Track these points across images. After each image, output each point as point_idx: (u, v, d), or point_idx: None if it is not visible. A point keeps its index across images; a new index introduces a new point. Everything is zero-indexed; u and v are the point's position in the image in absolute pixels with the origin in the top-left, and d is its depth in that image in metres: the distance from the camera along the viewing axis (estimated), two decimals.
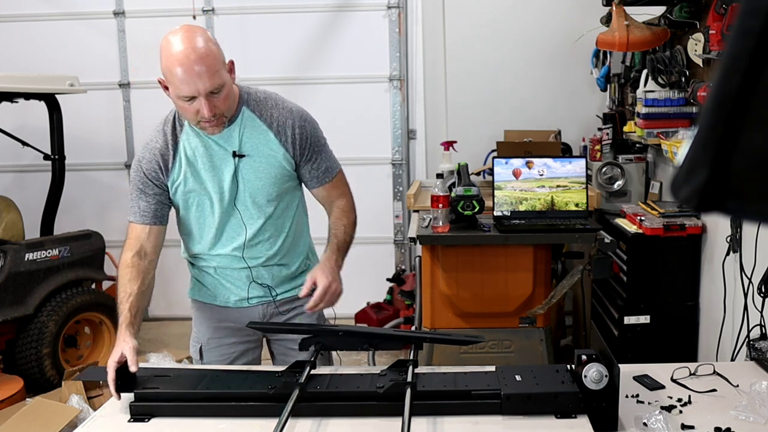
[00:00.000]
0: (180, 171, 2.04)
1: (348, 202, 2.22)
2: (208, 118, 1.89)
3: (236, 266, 2.14)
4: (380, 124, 5.10)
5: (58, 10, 5.14)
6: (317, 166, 2.12)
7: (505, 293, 3.05)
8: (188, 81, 1.84)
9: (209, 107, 1.87)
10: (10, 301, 3.86)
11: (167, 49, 1.86)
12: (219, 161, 2.03)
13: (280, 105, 2.08)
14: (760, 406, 1.78)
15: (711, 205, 0.62)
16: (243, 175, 2.03)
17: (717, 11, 2.73)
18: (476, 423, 1.72)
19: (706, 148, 0.61)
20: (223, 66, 1.91)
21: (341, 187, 2.21)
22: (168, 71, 1.87)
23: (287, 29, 5.04)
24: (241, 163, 2.02)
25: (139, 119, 5.26)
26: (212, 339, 2.23)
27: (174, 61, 1.84)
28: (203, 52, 1.85)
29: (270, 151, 2.04)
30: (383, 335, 2.16)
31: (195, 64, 1.83)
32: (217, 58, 1.89)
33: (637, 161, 3.74)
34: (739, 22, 0.59)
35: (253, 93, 2.08)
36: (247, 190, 2.05)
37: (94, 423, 1.83)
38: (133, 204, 2.08)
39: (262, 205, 2.08)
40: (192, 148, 2.03)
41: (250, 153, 2.03)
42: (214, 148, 2.02)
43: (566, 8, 4.81)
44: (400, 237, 5.20)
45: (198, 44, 1.85)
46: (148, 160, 2.04)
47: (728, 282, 2.84)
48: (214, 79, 1.86)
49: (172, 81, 1.87)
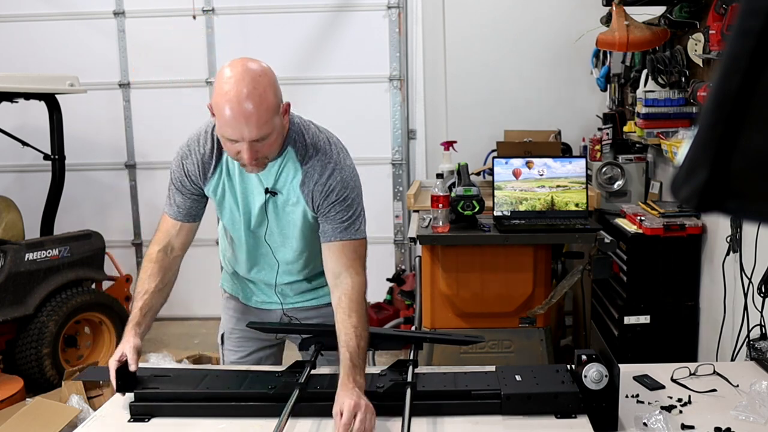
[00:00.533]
0: (218, 184, 1.98)
1: (356, 285, 1.89)
2: (249, 162, 1.78)
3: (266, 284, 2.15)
4: (380, 124, 5.10)
5: (58, 10, 5.14)
6: (332, 221, 1.92)
7: (505, 293, 3.05)
8: (234, 126, 1.72)
9: (251, 153, 1.75)
10: (10, 301, 3.86)
11: (221, 82, 1.74)
12: (252, 191, 1.96)
13: (326, 156, 1.92)
14: (760, 406, 1.78)
15: (711, 205, 0.62)
16: (272, 211, 1.98)
17: (717, 11, 2.73)
18: (476, 423, 1.72)
19: (706, 148, 0.61)
20: (276, 113, 1.77)
21: (353, 257, 1.93)
22: (217, 107, 1.74)
23: (287, 29, 5.04)
24: (271, 200, 1.96)
25: (139, 119, 5.26)
26: (234, 329, 2.26)
27: (225, 100, 1.71)
28: (258, 100, 1.71)
29: (296, 196, 1.94)
30: (383, 335, 2.16)
31: (245, 111, 1.70)
32: (270, 108, 1.74)
33: (637, 161, 3.74)
34: (739, 22, 0.59)
35: (306, 134, 1.94)
36: (277, 227, 2.00)
37: (94, 423, 1.83)
38: (170, 196, 2.02)
39: (292, 242, 2.02)
40: (232, 168, 1.95)
41: (283, 192, 1.94)
42: (251, 177, 1.94)
43: (566, 8, 4.81)
44: (400, 237, 5.21)
45: (256, 89, 1.72)
46: (192, 161, 1.95)
47: (728, 282, 2.84)
48: (262, 129, 1.73)
49: (219, 118, 1.75)
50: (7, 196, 4.38)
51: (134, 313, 1.94)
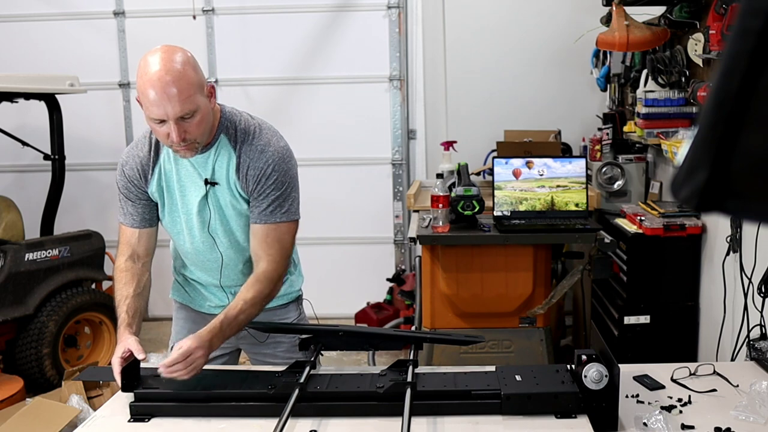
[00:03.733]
0: (159, 183, 2.01)
1: (268, 272, 1.95)
2: (177, 143, 1.83)
3: (213, 284, 2.15)
4: (380, 124, 5.10)
5: (58, 10, 5.14)
6: (261, 203, 1.96)
7: (505, 293, 3.05)
8: (159, 104, 1.78)
9: (178, 132, 1.81)
10: (10, 301, 3.86)
11: (143, 68, 1.81)
12: (191, 185, 1.99)
13: (256, 141, 1.96)
14: (760, 406, 1.78)
15: (711, 205, 0.62)
16: (213, 203, 2.00)
17: (717, 11, 2.73)
18: (476, 423, 1.72)
19: (706, 148, 0.61)
20: (199, 91, 1.83)
21: (274, 243, 1.97)
22: (141, 91, 1.81)
23: (287, 29, 5.04)
24: (212, 191, 1.98)
25: (139, 119, 5.25)
26: None
27: (147, 81, 1.78)
28: (177, 75, 1.78)
29: (233, 182, 1.97)
30: (383, 335, 2.16)
31: (167, 87, 1.77)
32: (192, 83, 1.81)
33: (637, 161, 3.74)
34: (739, 22, 0.59)
35: (237, 121, 1.99)
36: (218, 219, 2.01)
37: (94, 423, 1.83)
38: (121, 206, 2.07)
39: (235, 234, 2.04)
40: (171, 163, 1.99)
41: (221, 182, 1.97)
42: (189, 171, 1.98)
43: (566, 8, 4.81)
44: (400, 237, 5.20)
45: (174, 66, 1.79)
46: (130, 166, 2.01)
47: (728, 282, 2.84)
48: (185, 104, 1.79)
49: (144, 101, 1.81)
50: (7, 196, 4.38)
51: (122, 317, 1.95)
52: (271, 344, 2.21)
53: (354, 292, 4.92)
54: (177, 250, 2.16)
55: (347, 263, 5.18)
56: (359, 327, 4.14)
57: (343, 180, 5.08)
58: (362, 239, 5.17)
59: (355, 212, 5.15)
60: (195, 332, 1.97)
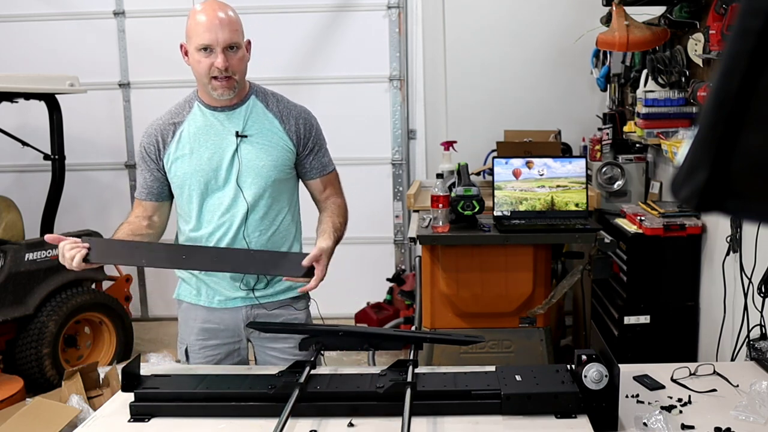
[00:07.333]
0: (179, 143, 2.10)
1: (343, 203, 2.27)
2: (221, 69, 1.98)
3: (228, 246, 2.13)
4: (380, 124, 5.10)
5: (57, 10, 5.14)
6: (318, 158, 2.20)
7: (505, 293, 3.05)
8: (210, 29, 1.97)
9: (224, 59, 1.98)
10: (10, 301, 3.86)
11: (193, 11, 2.03)
12: (221, 140, 2.09)
13: (286, 100, 2.20)
14: (760, 406, 1.78)
15: (711, 205, 0.62)
16: (244, 156, 2.09)
17: (717, 11, 2.73)
18: (476, 423, 1.72)
19: (706, 148, 0.61)
20: (242, 33, 2.05)
21: (337, 185, 2.29)
22: (192, 22, 2.01)
23: (287, 29, 5.04)
24: (242, 144, 2.09)
25: (139, 119, 5.25)
26: (197, 340, 2.22)
27: (199, 12, 2.00)
28: (227, 11, 2.02)
29: (274, 136, 2.11)
30: (383, 335, 2.16)
31: (218, 17, 1.98)
32: (239, 22, 2.04)
33: (637, 161, 3.74)
34: (739, 22, 0.59)
35: (263, 87, 2.20)
36: (246, 170, 2.09)
37: (94, 423, 1.83)
38: (138, 180, 2.20)
39: (260, 187, 2.10)
40: (196, 126, 2.10)
41: (254, 135, 2.09)
42: (217, 128, 2.09)
43: (566, 8, 4.81)
44: (400, 237, 5.21)
45: (224, 6, 2.04)
46: (149, 133, 2.14)
47: (728, 282, 2.84)
48: (233, 34, 2.00)
49: (195, 30, 1.99)
50: (7, 196, 4.38)
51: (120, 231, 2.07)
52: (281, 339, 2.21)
53: (354, 292, 4.92)
54: (187, 235, 2.15)
55: (347, 263, 5.13)
56: (359, 327, 4.14)
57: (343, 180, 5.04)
58: (362, 239, 5.16)
59: (355, 212, 5.08)
60: (205, 329, 2.15)
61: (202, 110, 2.10)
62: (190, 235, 2.15)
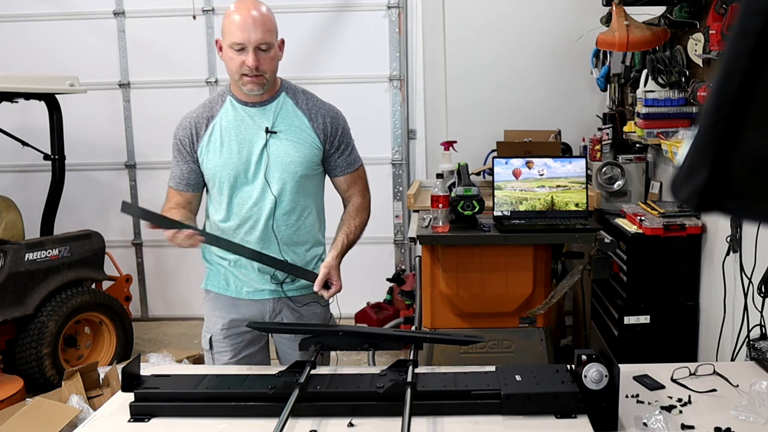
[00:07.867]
0: (212, 135, 2.15)
1: (365, 201, 2.32)
2: (252, 68, 2.03)
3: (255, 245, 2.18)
4: (380, 124, 5.10)
5: (58, 10, 5.14)
6: (344, 156, 2.25)
7: (505, 293, 3.05)
8: (243, 28, 2.02)
9: (254, 59, 2.04)
10: (10, 301, 3.86)
11: (230, 9, 2.08)
12: (251, 135, 2.14)
13: (315, 98, 2.26)
14: (760, 406, 1.78)
15: (711, 205, 0.62)
16: (272, 151, 2.13)
17: (717, 11, 2.73)
18: (476, 423, 1.72)
19: (706, 148, 0.61)
20: (276, 33, 2.11)
21: (362, 182, 2.33)
22: (227, 20, 2.06)
23: (287, 29, 4.98)
24: (271, 139, 2.13)
25: (139, 119, 5.26)
26: (223, 329, 2.28)
27: (234, 12, 2.06)
28: (262, 11, 2.08)
29: (302, 133, 2.16)
30: (383, 335, 2.16)
31: (251, 17, 2.04)
32: (273, 22, 2.10)
33: (637, 161, 3.74)
34: (739, 22, 0.59)
35: (293, 85, 2.26)
36: (274, 165, 2.13)
37: (94, 423, 1.83)
38: (172, 169, 2.24)
39: (287, 182, 2.15)
40: (228, 120, 2.16)
41: (283, 131, 2.14)
42: (248, 123, 2.15)
43: (566, 8, 4.81)
44: (400, 237, 5.20)
45: (260, 6, 2.09)
46: (183, 126, 2.20)
47: (728, 282, 2.84)
48: (266, 34, 2.05)
49: (229, 28, 2.04)
50: (7, 196, 4.38)
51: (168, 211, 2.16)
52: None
53: (354, 292, 4.88)
54: (217, 225, 2.21)
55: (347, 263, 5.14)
56: (359, 327, 4.14)
57: None
58: (362, 239, 5.13)
59: None
60: (229, 320, 2.23)
61: (234, 105, 2.17)
62: (220, 225, 2.21)
